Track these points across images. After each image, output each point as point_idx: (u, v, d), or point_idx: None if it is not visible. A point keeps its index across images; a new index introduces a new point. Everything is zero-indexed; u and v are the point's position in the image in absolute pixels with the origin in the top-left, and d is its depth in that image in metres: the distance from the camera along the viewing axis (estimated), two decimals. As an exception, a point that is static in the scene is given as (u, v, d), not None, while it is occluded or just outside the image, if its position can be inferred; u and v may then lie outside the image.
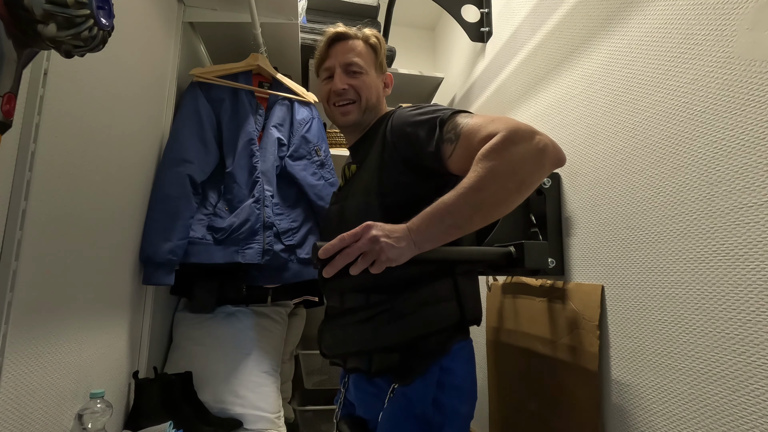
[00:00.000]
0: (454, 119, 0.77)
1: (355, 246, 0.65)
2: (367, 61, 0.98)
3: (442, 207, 0.68)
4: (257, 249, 1.30)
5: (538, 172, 0.69)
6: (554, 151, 0.70)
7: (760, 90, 0.61)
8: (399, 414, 0.81)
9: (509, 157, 0.67)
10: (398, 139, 0.84)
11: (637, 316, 0.82)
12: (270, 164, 1.41)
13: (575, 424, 0.93)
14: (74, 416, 0.89)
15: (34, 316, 0.76)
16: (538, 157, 0.68)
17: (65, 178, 0.83)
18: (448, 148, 0.76)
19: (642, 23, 0.83)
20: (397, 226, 0.69)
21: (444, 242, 0.70)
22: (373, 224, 0.67)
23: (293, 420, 1.68)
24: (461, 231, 0.69)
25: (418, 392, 0.80)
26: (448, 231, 0.68)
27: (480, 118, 0.75)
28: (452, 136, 0.75)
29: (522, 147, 0.68)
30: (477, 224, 0.69)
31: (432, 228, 0.68)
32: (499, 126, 0.70)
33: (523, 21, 1.30)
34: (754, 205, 0.62)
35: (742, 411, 0.62)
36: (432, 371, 0.80)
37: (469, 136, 0.73)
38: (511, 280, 1.26)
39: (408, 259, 0.69)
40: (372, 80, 0.97)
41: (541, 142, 0.69)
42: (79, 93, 0.86)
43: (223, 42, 1.67)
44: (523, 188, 0.69)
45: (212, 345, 1.39)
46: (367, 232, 0.66)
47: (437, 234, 0.68)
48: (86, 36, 0.54)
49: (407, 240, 0.67)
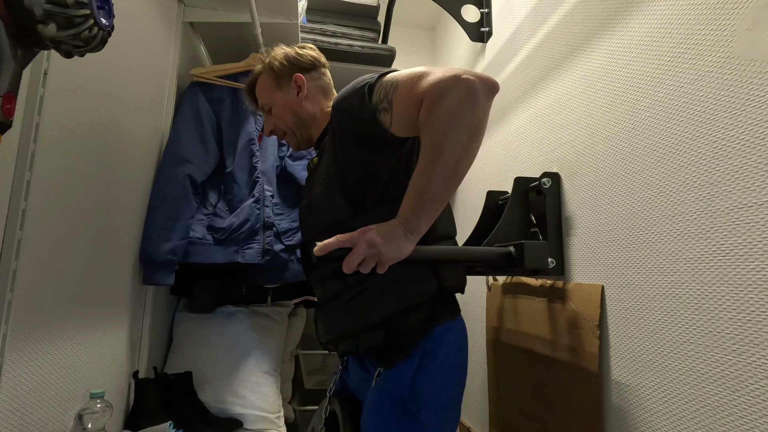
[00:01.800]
0: (380, 82, 0.77)
1: (355, 253, 0.66)
2: (269, 90, 1.00)
3: (416, 188, 0.70)
4: (257, 249, 1.30)
5: (478, 111, 0.68)
6: (483, 83, 0.69)
7: (760, 90, 0.61)
8: (380, 396, 0.83)
9: (444, 112, 0.67)
10: (339, 117, 0.83)
11: (637, 316, 0.82)
12: (270, 164, 1.41)
13: (575, 425, 0.93)
14: (74, 416, 0.89)
15: (34, 316, 0.76)
16: (469, 97, 0.67)
17: (65, 178, 0.83)
18: (385, 117, 0.75)
19: (642, 23, 0.83)
20: (390, 223, 0.70)
21: (435, 216, 0.71)
22: (368, 228, 0.68)
23: (293, 420, 1.68)
24: (443, 199, 0.70)
25: (398, 375, 0.82)
26: (433, 206, 0.70)
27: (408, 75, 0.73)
28: (386, 104, 0.75)
29: (451, 97, 0.67)
30: (454, 186, 0.70)
31: (418, 210, 0.69)
32: (424, 86, 0.70)
33: (523, 21, 1.30)
34: (754, 205, 0.62)
35: (742, 411, 0.62)
36: (415, 354, 0.82)
37: (401, 101, 0.73)
38: (511, 280, 1.26)
39: (411, 250, 0.70)
40: (279, 103, 0.98)
41: (466, 81, 0.68)
42: (79, 93, 0.86)
43: (223, 42, 1.67)
44: (474, 133, 0.68)
45: (212, 345, 1.39)
46: (363, 236, 0.67)
47: (425, 213, 0.70)
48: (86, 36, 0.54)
49: (402, 233, 0.69)
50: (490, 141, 1.48)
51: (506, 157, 1.37)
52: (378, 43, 1.79)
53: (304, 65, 0.99)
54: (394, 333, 0.83)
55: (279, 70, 0.98)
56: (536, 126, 1.20)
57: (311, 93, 0.99)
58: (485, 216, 1.18)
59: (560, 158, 1.08)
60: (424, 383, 0.81)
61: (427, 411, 0.80)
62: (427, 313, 0.83)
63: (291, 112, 0.98)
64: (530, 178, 1.08)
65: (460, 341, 0.87)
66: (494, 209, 1.18)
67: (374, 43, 1.77)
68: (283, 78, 0.98)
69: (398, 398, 0.81)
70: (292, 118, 0.98)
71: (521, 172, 1.26)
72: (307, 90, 0.98)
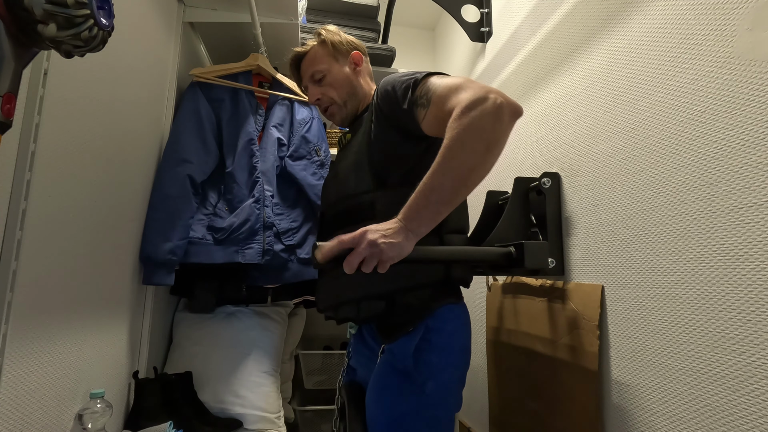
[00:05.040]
0: (426, 81, 0.82)
1: (356, 253, 0.67)
2: (326, 60, 1.03)
3: (424, 188, 0.71)
4: (257, 249, 1.30)
5: (500, 128, 0.72)
6: (509, 105, 0.73)
7: (760, 90, 0.61)
8: (385, 368, 0.86)
9: (469, 122, 0.71)
10: (381, 99, 0.89)
11: (637, 316, 0.82)
12: (270, 164, 1.41)
13: (575, 424, 0.93)
14: (74, 416, 0.89)
15: (34, 316, 0.76)
16: (495, 114, 0.71)
17: (65, 178, 0.83)
18: (421, 112, 0.81)
19: (642, 23, 0.83)
20: (391, 223, 0.71)
21: (438, 221, 0.72)
22: (369, 228, 0.69)
23: (293, 420, 1.68)
24: (450, 205, 0.72)
25: (401, 347, 0.84)
26: (437, 209, 0.71)
27: (450, 84, 0.78)
28: (425, 101, 0.80)
29: (479, 110, 0.71)
30: (462, 194, 0.73)
31: (422, 211, 0.71)
32: (460, 95, 0.75)
33: (523, 21, 1.30)
34: (754, 205, 0.62)
35: (742, 411, 0.62)
36: (418, 329, 0.84)
37: (438, 103, 0.78)
38: (511, 280, 1.26)
39: (411, 250, 0.71)
40: (336, 74, 1.02)
41: (496, 100, 0.72)
42: (79, 93, 0.86)
43: (223, 42, 1.67)
44: (492, 147, 0.72)
45: (212, 345, 1.39)
46: (365, 236, 0.68)
47: (429, 215, 0.71)
48: (86, 36, 0.54)
49: (404, 233, 0.70)
50: (490, 141, 1.48)
51: (506, 157, 1.37)
52: (378, 43, 1.79)
53: (360, 47, 1.07)
54: (396, 306, 0.86)
55: (338, 45, 1.04)
56: (536, 126, 1.20)
57: (363, 72, 1.05)
58: (485, 216, 1.18)
59: (560, 158, 1.08)
60: (428, 357, 0.83)
61: (434, 383, 0.82)
62: (430, 293, 0.87)
63: (348, 83, 1.02)
64: (530, 178, 1.08)
65: (463, 323, 0.90)
66: (494, 209, 1.18)
67: (374, 43, 1.77)
68: (342, 53, 1.04)
69: (403, 370, 0.83)
70: (347, 89, 1.02)
71: (521, 172, 1.26)
72: (362, 68, 1.05)
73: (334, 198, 0.97)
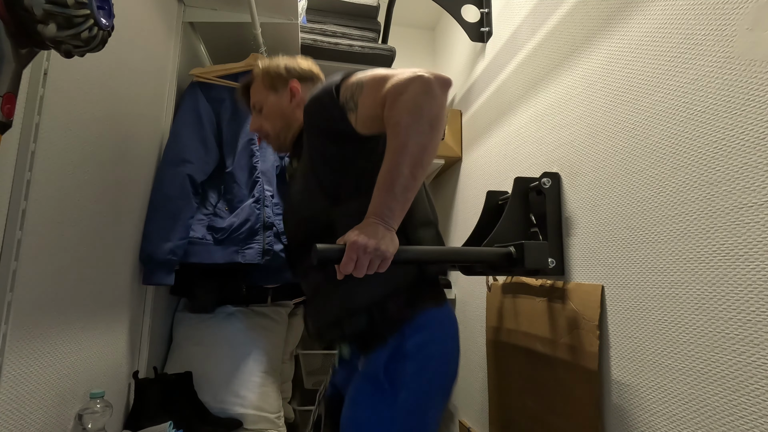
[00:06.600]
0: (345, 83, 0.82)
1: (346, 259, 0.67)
2: (263, 91, 1.04)
3: (385, 181, 0.72)
4: (257, 249, 1.30)
5: (435, 103, 0.73)
6: (436, 78, 0.74)
7: (760, 90, 0.61)
8: (358, 381, 0.85)
9: (404, 105, 0.72)
10: (309, 116, 0.88)
11: (637, 316, 0.82)
12: (270, 164, 1.41)
13: (575, 424, 0.93)
14: (74, 416, 0.89)
15: (34, 316, 0.76)
16: (426, 90, 0.72)
17: (65, 178, 0.83)
18: (352, 116, 0.81)
19: (642, 23, 0.83)
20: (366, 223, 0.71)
21: (407, 207, 0.73)
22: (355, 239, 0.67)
23: (293, 420, 1.68)
24: (413, 189, 0.73)
25: (375, 358, 0.83)
26: (403, 195, 0.72)
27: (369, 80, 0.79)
28: (352, 105, 0.80)
29: (409, 92, 0.72)
30: (420, 176, 0.73)
31: (389, 202, 0.71)
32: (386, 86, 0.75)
33: (523, 21, 1.30)
34: (754, 205, 0.62)
35: (742, 411, 0.62)
36: (394, 338, 0.83)
37: (365, 104, 0.78)
38: (511, 280, 1.26)
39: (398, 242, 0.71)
40: (271, 106, 1.02)
41: (421, 78, 0.73)
42: (79, 93, 0.86)
43: (223, 42, 1.67)
44: (434, 122, 0.73)
45: (212, 345, 1.39)
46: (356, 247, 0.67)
47: (398, 204, 0.72)
48: (86, 36, 0.54)
49: (383, 228, 0.70)
50: (490, 141, 1.48)
51: (506, 157, 1.37)
52: (378, 43, 1.79)
53: (302, 74, 1.05)
54: (375, 320, 0.84)
55: (277, 75, 1.03)
56: (536, 126, 1.20)
57: (303, 101, 1.01)
58: (485, 216, 1.18)
59: (560, 158, 1.08)
60: (402, 366, 0.81)
61: (407, 394, 0.80)
62: (406, 299, 0.84)
63: (281, 115, 1.02)
64: (530, 178, 1.08)
65: (446, 329, 0.87)
66: (494, 209, 1.18)
67: (374, 43, 1.77)
68: (281, 82, 1.03)
69: (375, 380, 0.81)
70: (281, 123, 1.02)
71: (521, 172, 1.26)
72: (300, 98, 1.02)
73: (294, 227, 0.96)
